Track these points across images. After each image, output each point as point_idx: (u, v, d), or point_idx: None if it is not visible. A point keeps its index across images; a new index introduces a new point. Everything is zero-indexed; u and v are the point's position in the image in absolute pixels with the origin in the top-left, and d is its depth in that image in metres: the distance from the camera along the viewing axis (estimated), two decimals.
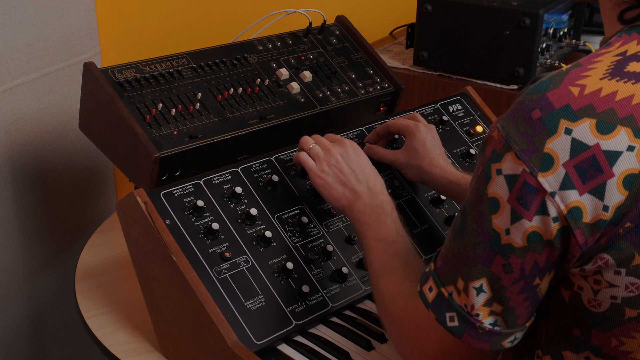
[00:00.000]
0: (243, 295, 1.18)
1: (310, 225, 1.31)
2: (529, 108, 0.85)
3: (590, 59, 0.89)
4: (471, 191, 0.92)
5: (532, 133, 0.84)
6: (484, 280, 0.90)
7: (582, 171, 0.82)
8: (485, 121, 1.65)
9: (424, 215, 1.44)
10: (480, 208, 0.89)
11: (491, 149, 0.88)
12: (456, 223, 0.94)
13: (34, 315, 1.82)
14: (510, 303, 0.91)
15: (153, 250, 1.17)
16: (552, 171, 0.83)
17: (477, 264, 0.90)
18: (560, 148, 0.83)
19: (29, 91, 1.68)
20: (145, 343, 1.27)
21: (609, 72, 0.86)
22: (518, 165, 0.85)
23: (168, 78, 1.41)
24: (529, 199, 0.85)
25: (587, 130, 0.82)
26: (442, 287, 0.95)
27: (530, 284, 0.89)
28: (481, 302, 0.91)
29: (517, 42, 1.97)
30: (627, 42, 0.90)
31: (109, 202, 1.97)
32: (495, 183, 0.87)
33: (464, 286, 0.92)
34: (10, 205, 1.69)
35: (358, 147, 1.29)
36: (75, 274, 1.46)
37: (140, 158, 1.32)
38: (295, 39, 1.63)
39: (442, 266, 0.96)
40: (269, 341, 1.16)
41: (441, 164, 1.38)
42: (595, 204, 0.83)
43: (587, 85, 0.84)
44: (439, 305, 0.95)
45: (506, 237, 0.87)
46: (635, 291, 0.86)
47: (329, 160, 1.26)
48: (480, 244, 0.90)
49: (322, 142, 1.30)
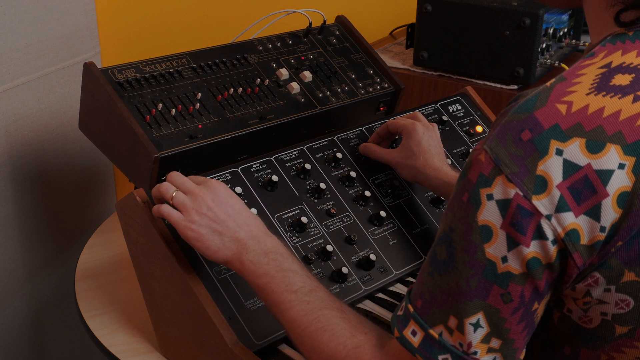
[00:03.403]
0: (243, 295, 1.18)
1: (310, 225, 1.31)
2: (518, 129, 0.82)
3: (574, 72, 0.86)
4: (456, 221, 0.86)
5: (524, 155, 0.81)
6: (481, 314, 0.85)
7: (575, 192, 0.80)
8: (485, 121, 1.65)
9: (423, 216, 1.44)
10: (470, 238, 0.84)
11: (477, 172, 0.83)
12: (438, 257, 0.88)
13: (34, 315, 1.82)
14: (509, 335, 0.86)
15: (153, 250, 1.17)
16: (547, 194, 0.80)
17: (472, 298, 0.85)
18: (552, 170, 0.80)
19: (29, 91, 1.68)
20: (145, 343, 1.27)
21: (594, 87, 0.83)
22: (510, 189, 0.81)
23: (168, 78, 1.42)
24: (524, 224, 0.81)
25: (578, 151, 0.80)
26: (429, 328, 0.88)
27: (529, 311, 0.86)
28: (479, 338, 0.86)
29: (517, 42, 1.97)
30: (612, 52, 0.87)
31: (109, 202, 1.97)
32: (486, 209, 0.82)
33: (458, 324, 0.86)
34: (10, 205, 1.69)
35: (227, 187, 1.13)
36: (75, 274, 1.46)
37: (140, 158, 1.32)
38: (295, 39, 1.63)
39: (424, 306, 0.89)
40: (269, 341, 1.16)
41: (435, 165, 1.37)
42: (591, 225, 0.81)
43: (573, 102, 0.82)
44: (428, 348, 0.88)
45: (503, 265, 0.83)
46: (625, 308, 0.85)
47: (198, 209, 1.08)
48: (474, 276, 0.84)
49: (185, 186, 1.11)
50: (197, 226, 1.07)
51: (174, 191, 1.11)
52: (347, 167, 1.42)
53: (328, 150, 1.43)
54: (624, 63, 0.85)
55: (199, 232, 1.07)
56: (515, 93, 2.00)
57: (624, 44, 0.87)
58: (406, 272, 1.36)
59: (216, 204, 1.08)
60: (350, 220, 1.36)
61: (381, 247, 1.35)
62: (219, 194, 1.10)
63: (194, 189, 1.10)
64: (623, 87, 0.83)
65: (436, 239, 0.90)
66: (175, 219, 1.09)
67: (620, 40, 0.88)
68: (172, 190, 1.11)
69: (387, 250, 1.36)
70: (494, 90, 2.02)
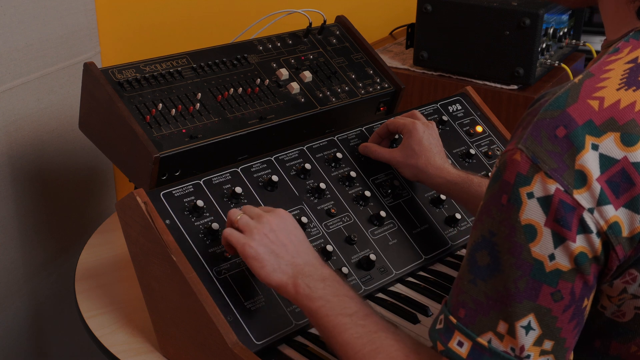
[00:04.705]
0: (243, 295, 1.18)
1: (310, 225, 1.31)
2: (553, 126, 0.83)
3: (601, 68, 0.87)
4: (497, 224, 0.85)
5: (561, 151, 0.82)
6: (532, 316, 0.85)
7: (614, 185, 0.81)
8: (485, 121, 1.65)
9: (423, 215, 1.44)
10: (514, 239, 0.84)
11: (514, 172, 0.84)
12: (479, 263, 0.87)
13: (34, 315, 1.82)
14: (561, 334, 0.86)
15: (153, 250, 1.17)
16: (587, 188, 0.81)
17: (522, 300, 0.84)
18: (590, 164, 0.81)
19: (29, 91, 1.68)
20: (145, 343, 1.27)
21: (624, 82, 0.84)
22: (550, 184, 0.82)
23: (168, 78, 1.42)
24: (568, 219, 0.81)
25: (613, 144, 0.81)
26: (476, 337, 0.87)
27: (579, 308, 0.86)
28: (531, 341, 0.85)
29: (517, 42, 1.97)
30: (637, 47, 0.88)
31: (109, 202, 1.97)
32: (528, 208, 0.83)
33: (509, 328, 0.86)
34: (10, 205, 1.69)
35: (293, 218, 1.16)
36: (75, 274, 1.46)
37: (140, 158, 1.32)
38: (295, 39, 1.63)
39: (468, 315, 0.88)
40: (269, 341, 1.16)
41: (437, 163, 1.37)
42: (631, 217, 0.82)
43: (605, 97, 0.83)
44: (477, 357, 0.87)
45: (551, 263, 0.83)
46: None
47: (261, 229, 1.10)
48: (521, 277, 0.84)
49: (253, 211, 1.15)
50: (257, 244, 1.09)
51: (239, 215, 1.14)
52: (347, 167, 1.42)
53: (328, 150, 1.43)
54: None
55: (257, 251, 1.09)
56: (515, 93, 2.00)
57: None
58: (406, 272, 1.36)
59: (280, 229, 1.11)
60: (350, 220, 1.36)
61: (381, 247, 1.35)
62: (285, 221, 1.13)
63: (261, 214, 1.13)
64: None
65: (471, 246, 0.89)
66: (235, 237, 1.11)
67: None
68: (238, 214, 1.14)
69: (387, 250, 1.36)
70: (494, 90, 2.02)
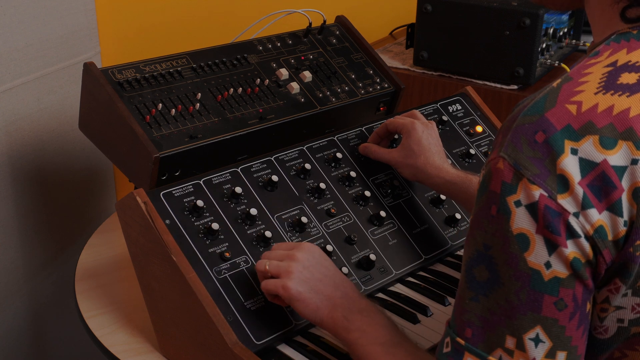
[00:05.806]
0: (243, 295, 1.18)
1: (310, 225, 1.31)
2: (532, 131, 0.82)
3: (580, 71, 0.86)
4: (490, 236, 0.84)
5: (541, 156, 0.81)
6: (539, 328, 0.83)
7: (595, 189, 0.80)
8: (485, 121, 1.65)
9: (423, 215, 1.44)
10: (509, 250, 0.82)
11: (499, 181, 0.83)
12: (478, 279, 0.86)
13: (34, 315, 1.82)
14: (572, 343, 0.84)
15: (153, 250, 1.17)
16: (570, 192, 0.80)
17: (526, 312, 0.83)
18: (571, 168, 0.80)
19: (29, 91, 1.68)
20: (145, 343, 1.27)
21: (602, 86, 0.83)
22: (534, 191, 0.80)
23: (168, 78, 1.42)
24: (556, 224, 0.80)
25: (592, 148, 0.80)
26: (487, 355, 0.85)
27: (584, 313, 0.84)
28: (542, 353, 0.83)
29: (517, 42, 1.97)
30: (616, 51, 0.87)
31: (109, 202, 1.97)
32: (517, 217, 0.81)
33: (517, 342, 0.83)
34: (10, 205, 1.69)
35: (320, 250, 1.17)
36: (75, 274, 1.46)
37: (140, 158, 1.32)
38: (295, 39, 1.63)
39: (476, 334, 0.86)
40: (269, 341, 1.16)
41: (437, 163, 1.37)
42: (613, 220, 0.80)
43: (583, 101, 0.82)
44: None
45: (548, 271, 0.81)
46: None
47: (295, 268, 1.11)
48: (522, 288, 0.82)
49: (278, 253, 1.15)
50: (296, 285, 1.10)
51: (267, 263, 1.13)
52: (347, 167, 1.42)
53: (328, 150, 1.43)
54: (630, 62, 0.85)
55: (298, 291, 1.10)
56: (515, 93, 2.00)
57: (629, 43, 0.88)
58: (406, 272, 1.36)
59: (312, 264, 1.12)
60: (350, 220, 1.36)
61: (381, 247, 1.35)
62: (314, 255, 1.14)
63: (289, 253, 1.13)
64: (630, 86, 0.83)
65: (467, 262, 0.88)
66: (273, 285, 1.12)
67: (625, 39, 0.88)
68: (265, 264, 1.14)
69: (387, 250, 1.36)
70: (494, 90, 2.02)
